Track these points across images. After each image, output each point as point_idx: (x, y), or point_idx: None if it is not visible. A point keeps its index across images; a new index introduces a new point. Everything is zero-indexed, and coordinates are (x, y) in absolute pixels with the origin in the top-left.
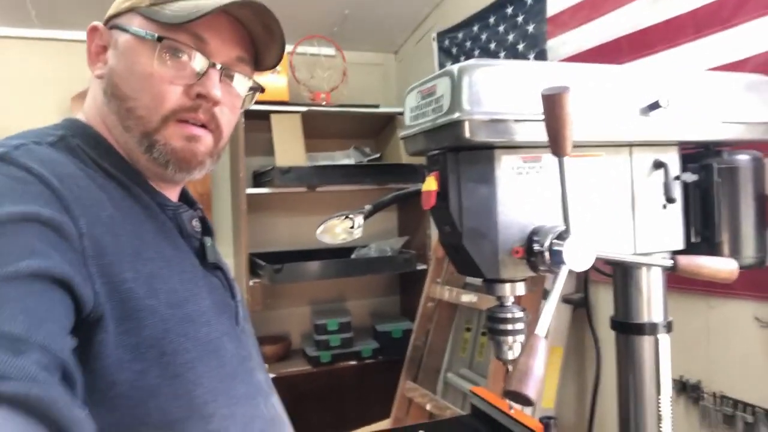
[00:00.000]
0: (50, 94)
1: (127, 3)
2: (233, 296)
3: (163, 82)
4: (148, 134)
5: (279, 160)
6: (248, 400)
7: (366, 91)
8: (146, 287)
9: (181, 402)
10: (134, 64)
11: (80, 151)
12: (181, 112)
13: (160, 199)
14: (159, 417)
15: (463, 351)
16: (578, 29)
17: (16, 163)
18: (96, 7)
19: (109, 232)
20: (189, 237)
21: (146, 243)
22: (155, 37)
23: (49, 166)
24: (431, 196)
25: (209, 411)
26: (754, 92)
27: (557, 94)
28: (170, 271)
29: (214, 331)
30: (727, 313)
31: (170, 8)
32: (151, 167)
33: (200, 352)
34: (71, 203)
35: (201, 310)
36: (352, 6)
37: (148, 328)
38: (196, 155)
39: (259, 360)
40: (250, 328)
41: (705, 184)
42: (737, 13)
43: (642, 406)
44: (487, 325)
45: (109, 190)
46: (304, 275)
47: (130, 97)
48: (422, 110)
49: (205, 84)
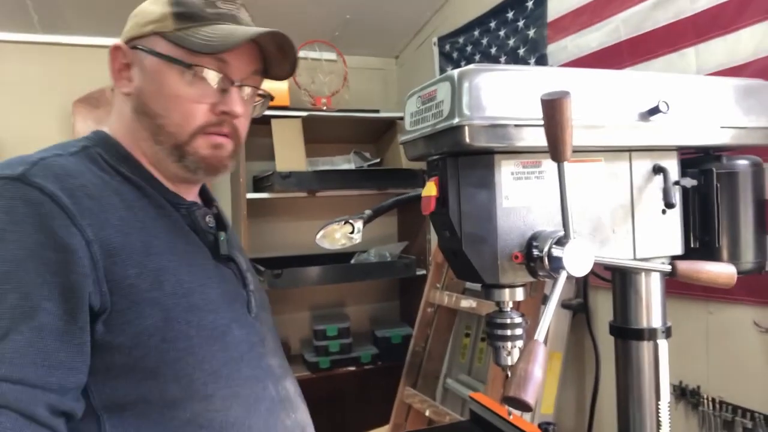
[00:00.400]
0: (52, 98)
1: (149, 27)
2: (245, 286)
3: (191, 101)
4: (179, 147)
5: (279, 164)
6: (255, 383)
7: (366, 95)
8: (151, 280)
9: (181, 383)
10: (163, 85)
11: (99, 158)
12: (208, 126)
13: (174, 198)
14: (158, 396)
15: (463, 357)
16: (579, 34)
17: (32, 183)
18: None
19: (119, 233)
20: (203, 232)
21: (157, 239)
22: (185, 64)
23: (62, 180)
24: (431, 202)
25: (209, 392)
26: (754, 97)
27: (557, 99)
28: (179, 264)
29: (222, 318)
30: (726, 319)
31: (196, 35)
32: (181, 173)
33: (204, 338)
34: (78, 216)
35: (209, 298)
36: (353, 11)
37: (150, 318)
38: (222, 161)
39: (274, 346)
40: (267, 317)
41: (704, 190)
42: (737, 19)
43: (641, 411)
44: (486, 330)
45: (123, 192)
46: (304, 280)
47: (161, 115)
48: (422, 115)
49: (228, 102)
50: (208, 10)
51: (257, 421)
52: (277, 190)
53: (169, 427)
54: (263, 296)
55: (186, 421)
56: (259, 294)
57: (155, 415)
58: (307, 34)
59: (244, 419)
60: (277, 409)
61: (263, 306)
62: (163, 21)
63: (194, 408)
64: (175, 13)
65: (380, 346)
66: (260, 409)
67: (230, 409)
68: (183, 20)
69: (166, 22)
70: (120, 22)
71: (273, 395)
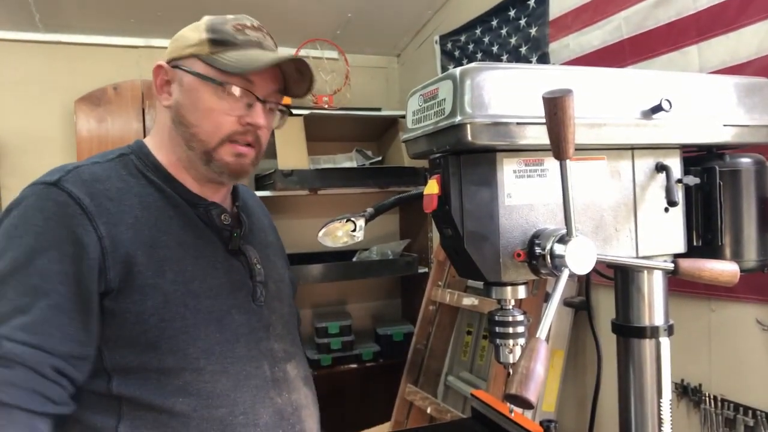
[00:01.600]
0: (54, 97)
1: (189, 50)
2: (252, 277)
3: (221, 114)
4: (208, 152)
5: (281, 163)
6: (247, 362)
7: (368, 94)
8: (155, 269)
9: (177, 356)
10: (198, 99)
11: (131, 164)
12: (234, 135)
13: (193, 199)
14: (157, 364)
15: (464, 354)
16: (581, 32)
17: (63, 188)
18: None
19: (131, 229)
20: (219, 229)
21: (168, 234)
22: (217, 81)
23: (89, 185)
24: (433, 200)
25: (200, 365)
26: (757, 95)
27: (559, 97)
28: (185, 256)
29: (222, 303)
30: (728, 317)
31: (227, 58)
32: (209, 175)
33: (200, 320)
34: (96, 216)
35: (209, 286)
36: (354, 9)
37: (151, 300)
38: (244, 167)
39: (282, 332)
40: (281, 307)
41: (707, 188)
42: (739, 17)
43: (643, 409)
44: (488, 328)
45: (144, 195)
46: (306, 278)
47: (194, 125)
48: (424, 113)
49: (253, 115)
50: (239, 37)
51: (243, 394)
52: (279, 188)
53: (164, 391)
54: (283, 288)
55: (178, 388)
56: (277, 285)
57: (153, 380)
58: (309, 32)
59: (230, 392)
60: (268, 386)
61: (279, 297)
62: (201, 45)
63: (186, 378)
64: (210, 39)
65: (382, 343)
66: (249, 386)
67: (218, 382)
68: (217, 45)
69: (203, 47)
70: (121, 20)
71: (266, 374)
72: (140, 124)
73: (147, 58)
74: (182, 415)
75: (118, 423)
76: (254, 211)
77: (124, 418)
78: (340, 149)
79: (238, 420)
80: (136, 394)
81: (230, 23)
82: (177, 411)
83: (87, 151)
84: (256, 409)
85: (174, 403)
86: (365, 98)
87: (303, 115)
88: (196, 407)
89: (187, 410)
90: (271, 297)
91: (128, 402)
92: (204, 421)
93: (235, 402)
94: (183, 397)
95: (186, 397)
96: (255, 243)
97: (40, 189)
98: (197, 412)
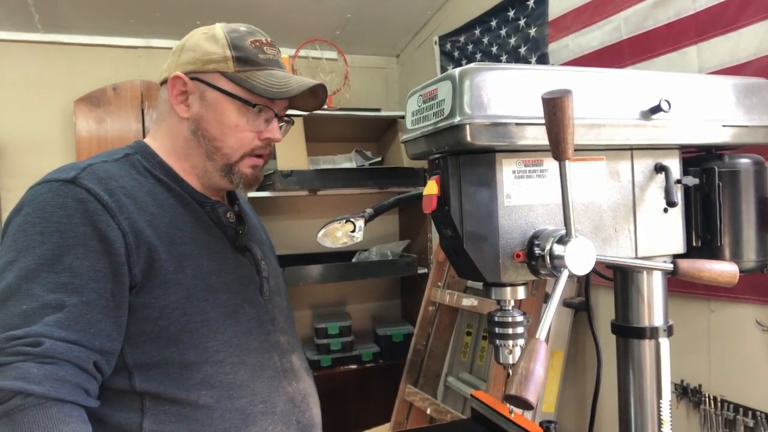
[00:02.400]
0: (54, 97)
1: (212, 65)
2: (259, 273)
3: (245, 130)
4: (230, 165)
5: (281, 163)
6: (261, 353)
7: (368, 94)
8: (176, 264)
9: (198, 349)
10: (223, 115)
11: (138, 164)
12: (255, 150)
13: (200, 198)
14: (179, 358)
15: (464, 355)
16: (580, 33)
17: (82, 185)
18: (98, 12)
19: (149, 226)
20: (224, 226)
21: (183, 231)
22: (250, 103)
23: (105, 182)
24: (432, 200)
25: (220, 358)
26: (756, 96)
27: (558, 97)
28: (200, 252)
29: (235, 297)
30: (727, 317)
31: (256, 79)
32: (224, 184)
33: (218, 314)
34: (117, 212)
35: (224, 281)
36: (354, 9)
37: (174, 295)
38: (258, 177)
39: (284, 325)
40: (281, 301)
41: (706, 188)
42: (738, 17)
43: (642, 410)
44: (488, 329)
45: (156, 193)
46: (305, 279)
47: (218, 139)
48: (423, 114)
49: (273, 131)
50: (260, 56)
51: (260, 384)
52: (278, 189)
53: (187, 384)
54: (280, 283)
55: (200, 381)
56: (275, 281)
57: (175, 374)
58: (308, 32)
59: (249, 382)
60: (280, 376)
61: (278, 292)
62: (225, 62)
63: (207, 370)
64: (236, 57)
65: (381, 344)
66: (264, 376)
67: (237, 374)
68: (242, 64)
69: (228, 64)
70: (121, 21)
71: (277, 365)
72: (139, 125)
73: (146, 58)
74: (206, 407)
75: (142, 419)
76: (246, 210)
77: (148, 413)
78: (340, 150)
79: (258, 409)
80: (159, 389)
81: (248, 39)
82: (201, 403)
83: (86, 152)
84: (272, 398)
85: (198, 396)
86: (365, 99)
87: (302, 116)
88: (219, 398)
89: (211, 402)
90: (273, 292)
91: (151, 397)
92: (227, 411)
93: (254, 392)
94: (206, 389)
95: (209, 389)
96: (255, 240)
97: (57, 186)
98: (220, 403)
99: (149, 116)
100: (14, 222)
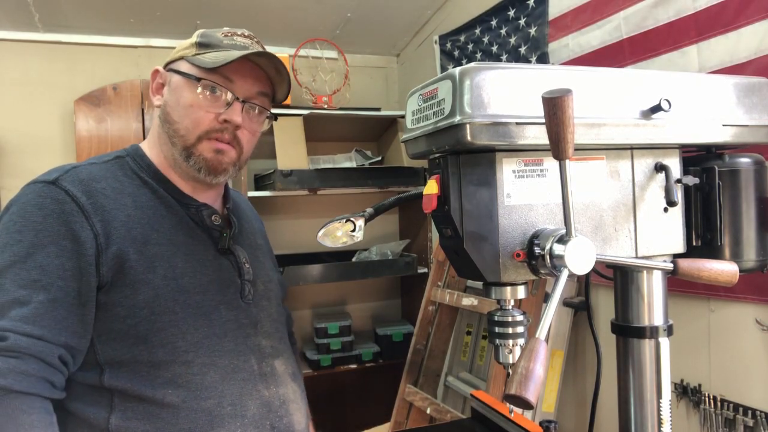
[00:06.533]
0: (54, 96)
1: (179, 53)
2: (240, 276)
3: (200, 110)
4: (188, 148)
5: (281, 163)
6: (236, 356)
7: (368, 94)
8: (147, 265)
9: (166, 349)
10: (180, 97)
11: (127, 166)
12: (211, 132)
13: (184, 200)
14: (148, 357)
15: (464, 354)
16: (580, 32)
17: (61, 187)
18: (98, 11)
19: (124, 227)
20: (209, 229)
21: (159, 233)
22: (195, 78)
23: (86, 184)
24: (432, 200)
25: (189, 358)
26: (756, 95)
27: (559, 97)
28: (176, 253)
29: (210, 299)
30: (727, 317)
31: (208, 57)
32: (190, 172)
33: (188, 314)
34: (92, 213)
35: (199, 282)
36: (354, 9)
37: (142, 294)
38: (221, 164)
39: (270, 329)
40: (269, 305)
41: (706, 188)
42: (738, 17)
43: (642, 409)
44: (488, 328)
45: (137, 195)
46: (305, 278)
47: (176, 121)
48: (423, 113)
49: (230, 113)
50: (225, 41)
51: (231, 387)
52: (278, 189)
53: (154, 383)
54: (271, 288)
55: (168, 380)
56: (265, 286)
57: (144, 372)
58: (308, 32)
59: (219, 384)
60: (256, 380)
61: (267, 296)
62: (189, 48)
63: (175, 370)
64: (198, 42)
65: (381, 343)
66: (236, 378)
67: (207, 375)
68: (202, 47)
69: (191, 49)
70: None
71: (254, 368)
72: (139, 125)
73: (146, 58)
74: (172, 406)
75: (110, 414)
76: (246, 215)
77: (116, 409)
78: (340, 149)
79: (225, 411)
80: (127, 386)
81: (222, 31)
82: (167, 402)
83: (86, 151)
84: (243, 401)
85: (164, 394)
86: (365, 98)
87: (302, 115)
88: (185, 398)
89: (177, 401)
90: (259, 296)
91: (119, 394)
92: (192, 411)
93: (222, 394)
94: (172, 389)
95: (175, 389)
96: (245, 244)
97: (39, 187)
98: (186, 403)
99: (149, 116)
100: (2, 220)
